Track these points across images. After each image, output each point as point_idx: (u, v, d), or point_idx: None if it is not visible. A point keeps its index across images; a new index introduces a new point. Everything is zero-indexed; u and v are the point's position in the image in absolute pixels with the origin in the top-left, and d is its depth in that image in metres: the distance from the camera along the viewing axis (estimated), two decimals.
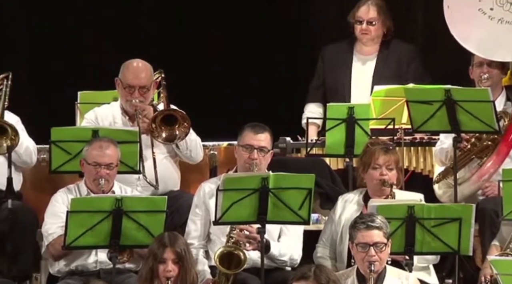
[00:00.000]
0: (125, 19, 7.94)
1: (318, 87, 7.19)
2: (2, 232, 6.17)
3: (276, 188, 5.78)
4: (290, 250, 6.07)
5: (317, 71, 7.24)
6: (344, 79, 7.13)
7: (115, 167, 6.08)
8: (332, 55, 7.19)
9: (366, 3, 7.12)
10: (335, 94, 7.06)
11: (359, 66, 7.17)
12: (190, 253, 5.58)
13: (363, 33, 7.12)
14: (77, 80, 7.53)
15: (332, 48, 7.24)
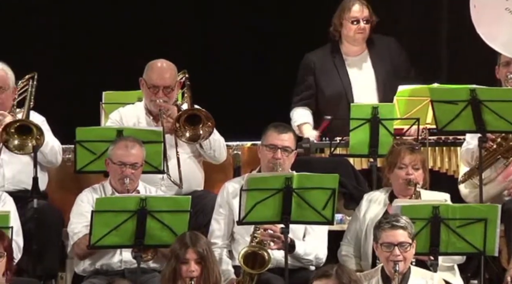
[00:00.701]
0: (149, 20, 7.92)
1: (309, 97, 7.02)
2: (28, 232, 6.13)
3: (300, 188, 5.74)
4: (315, 249, 6.02)
5: (305, 81, 7.00)
6: (344, 85, 7.00)
7: (140, 167, 6.04)
8: (321, 63, 7.04)
9: (356, 2, 7.00)
10: (338, 102, 6.92)
11: (355, 68, 7.08)
12: (212, 253, 5.55)
13: (359, 32, 7.02)
14: (102, 80, 7.51)
15: (316, 56, 7.06)
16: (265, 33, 7.95)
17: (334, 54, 7.04)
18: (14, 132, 6.23)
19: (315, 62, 7.04)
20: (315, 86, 7.02)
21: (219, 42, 7.93)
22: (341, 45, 7.07)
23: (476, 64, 7.30)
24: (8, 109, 6.45)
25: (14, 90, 6.50)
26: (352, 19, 7.00)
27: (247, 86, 7.84)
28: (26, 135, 6.24)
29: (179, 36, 7.89)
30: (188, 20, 7.99)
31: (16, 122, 6.27)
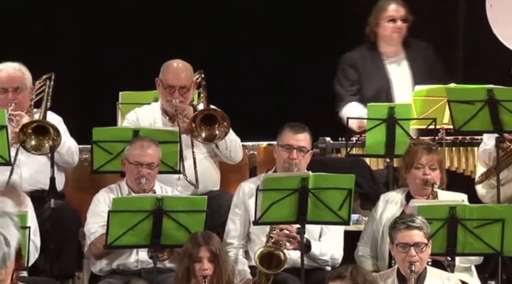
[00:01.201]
0: (165, 20, 7.89)
1: (357, 92, 6.98)
2: (45, 231, 6.09)
3: (316, 188, 5.67)
4: (331, 250, 5.95)
5: (351, 77, 6.98)
6: (385, 85, 6.94)
7: (156, 167, 5.99)
8: (362, 62, 7.00)
9: (392, 2, 6.95)
10: (378, 100, 6.82)
11: (394, 69, 7.01)
12: (224, 252, 5.50)
13: (396, 31, 6.96)
14: (119, 80, 7.48)
15: (357, 54, 7.03)
16: (282, 33, 7.92)
17: (373, 53, 6.98)
18: (31, 132, 6.19)
19: (356, 59, 7.00)
20: (359, 82, 6.97)
21: (235, 42, 7.89)
22: (379, 45, 7.00)
23: (493, 64, 7.19)
24: (25, 109, 6.41)
25: (31, 91, 6.46)
26: (389, 18, 6.94)
27: (263, 86, 7.81)
28: (43, 135, 6.20)
29: (195, 36, 7.86)
30: (204, 20, 7.96)
31: (33, 123, 6.23)
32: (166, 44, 7.70)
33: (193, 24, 7.91)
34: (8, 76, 6.36)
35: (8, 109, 6.28)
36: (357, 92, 7.00)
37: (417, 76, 6.99)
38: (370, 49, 7.03)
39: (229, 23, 7.95)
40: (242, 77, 7.81)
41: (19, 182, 6.26)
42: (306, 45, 7.84)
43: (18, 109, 6.34)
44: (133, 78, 7.30)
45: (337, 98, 7.00)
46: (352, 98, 6.97)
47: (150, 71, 6.52)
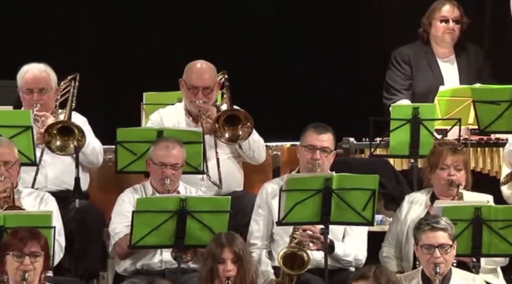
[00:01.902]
0: (189, 20, 7.82)
1: (409, 88, 6.85)
2: (70, 231, 6.01)
3: (339, 189, 5.59)
4: (354, 250, 5.86)
5: (404, 72, 6.83)
6: (436, 83, 6.78)
7: (181, 167, 5.92)
8: (415, 58, 6.85)
9: (447, 2, 6.82)
10: (426, 98, 6.69)
11: (446, 69, 6.86)
12: (248, 253, 5.44)
13: (448, 32, 6.81)
14: (143, 81, 7.42)
15: (409, 50, 6.89)
16: (306, 33, 7.82)
17: (426, 49, 6.84)
18: (56, 133, 6.13)
19: (409, 55, 6.86)
20: (411, 78, 6.82)
21: (257, 42, 7.83)
22: (432, 45, 6.87)
23: None
24: (51, 110, 6.35)
25: (57, 91, 6.41)
26: (441, 18, 6.81)
27: (286, 87, 7.72)
28: (68, 136, 6.14)
29: (219, 37, 7.80)
30: (228, 20, 7.88)
31: (58, 123, 6.16)
32: (190, 45, 7.65)
33: (217, 25, 7.85)
34: (34, 77, 6.32)
35: (33, 109, 6.23)
36: (410, 87, 6.86)
37: (464, 78, 6.85)
38: (423, 45, 6.89)
39: (253, 23, 7.88)
40: (266, 78, 7.75)
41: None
42: (331, 46, 7.76)
43: (44, 109, 6.29)
44: (157, 79, 7.23)
45: (389, 92, 6.85)
46: (405, 93, 6.82)
47: (174, 72, 6.46)
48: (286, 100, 7.65)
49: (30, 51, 7.33)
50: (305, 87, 7.70)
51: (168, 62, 7.30)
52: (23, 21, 7.72)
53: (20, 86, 6.33)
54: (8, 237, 5.19)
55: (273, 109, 7.51)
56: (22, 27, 7.70)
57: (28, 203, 5.84)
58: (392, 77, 6.88)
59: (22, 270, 5.05)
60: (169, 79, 6.53)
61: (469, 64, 6.90)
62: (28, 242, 5.07)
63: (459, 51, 6.91)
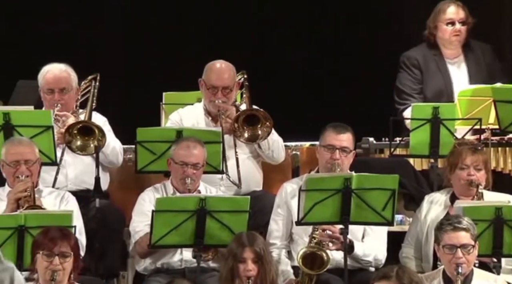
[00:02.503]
0: (208, 21, 7.75)
1: (420, 91, 6.70)
2: (90, 231, 5.92)
3: (359, 189, 5.49)
4: (374, 250, 5.75)
5: (414, 76, 6.69)
6: (447, 86, 6.64)
7: (202, 167, 5.84)
8: (423, 61, 6.71)
9: (451, 4, 6.65)
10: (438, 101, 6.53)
11: (455, 70, 6.71)
12: (269, 253, 5.36)
13: (455, 34, 6.65)
14: (162, 81, 7.33)
15: (417, 53, 6.74)
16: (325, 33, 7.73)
17: (434, 52, 6.70)
18: (76, 133, 6.04)
19: (418, 59, 6.71)
20: (422, 82, 6.69)
21: (277, 42, 7.74)
22: (439, 47, 6.71)
23: None
24: (71, 110, 6.26)
25: (77, 91, 6.32)
26: (447, 21, 6.64)
27: (305, 86, 7.62)
28: (88, 136, 6.05)
29: (238, 37, 7.70)
30: (247, 20, 7.79)
31: (78, 124, 6.07)
32: (210, 44, 7.58)
33: (236, 24, 7.75)
34: (55, 77, 6.24)
35: (54, 109, 6.15)
36: (421, 91, 6.72)
37: (473, 78, 6.70)
38: (431, 48, 6.75)
39: (272, 23, 7.80)
40: (285, 77, 7.66)
41: None
42: (349, 45, 7.66)
43: (64, 109, 6.21)
44: (177, 78, 7.13)
45: (400, 97, 6.71)
46: (417, 97, 6.69)
47: (193, 71, 6.37)
48: (305, 99, 7.55)
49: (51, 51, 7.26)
50: (324, 87, 7.60)
51: (187, 62, 7.21)
52: (45, 22, 7.66)
53: (41, 86, 6.26)
54: (39, 235, 5.15)
55: (293, 108, 7.41)
56: (44, 28, 7.64)
57: (49, 202, 5.77)
58: (402, 82, 6.73)
59: (51, 269, 5.00)
60: (189, 79, 6.44)
61: (478, 63, 6.73)
62: (58, 242, 5.03)
63: (466, 51, 6.75)
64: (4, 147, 5.73)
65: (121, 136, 6.32)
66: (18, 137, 5.82)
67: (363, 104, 7.31)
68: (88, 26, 7.73)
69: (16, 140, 5.77)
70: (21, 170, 5.64)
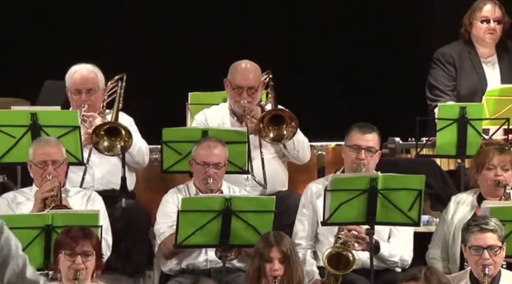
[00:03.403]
0: (234, 21, 7.62)
1: (454, 89, 6.53)
2: (116, 231, 5.81)
3: (385, 189, 5.34)
4: (400, 251, 5.61)
5: (448, 73, 6.51)
6: (481, 84, 6.45)
7: (223, 167, 5.71)
8: (458, 58, 6.52)
9: (488, 2, 6.45)
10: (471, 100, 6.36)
11: (488, 69, 6.54)
12: (296, 253, 5.22)
13: (489, 32, 6.45)
14: (188, 81, 7.22)
15: (452, 50, 6.55)
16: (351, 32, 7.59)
17: (469, 49, 6.52)
18: (103, 134, 5.93)
19: (453, 55, 6.53)
20: (456, 79, 6.52)
21: (303, 41, 7.59)
22: (473, 45, 6.52)
23: None
24: (98, 110, 6.15)
25: (104, 92, 6.20)
26: (482, 19, 6.45)
27: (331, 86, 7.47)
28: (115, 137, 5.93)
29: (264, 36, 7.59)
30: (273, 20, 7.67)
31: (105, 124, 5.96)
32: (235, 44, 7.46)
33: (261, 24, 7.65)
34: (82, 77, 6.13)
35: (81, 110, 6.05)
36: (455, 88, 6.54)
37: (505, 78, 6.51)
38: (466, 45, 6.56)
39: (297, 22, 7.66)
40: (310, 77, 7.52)
41: None
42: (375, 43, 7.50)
43: (91, 110, 6.11)
44: (203, 78, 7.05)
45: (433, 93, 6.52)
46: (450, 94, 6.50)
47: (219, 71, 6.26)
48: (331, 99, 7.41)
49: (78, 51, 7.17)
50: (350, 86, 7.45)
51: (213, 62, 7.11)
52: (72, 22, 7.58)
53: (68, 86, 6.14)
54: (61, 235, 5.07)
55: (318, 108, 7.26)
56: (71, 28, 7.57)
57: (75, 202, 5.66)
58: (436, 78, 6.54)
59: (74, 269, 4.93)
60: (215, 79, 6.33)
61: (511, 63, 6.57)
62: (80, 241, 4.95)
63: (500, 51, 6.56)
64: (31, 147, 5.64)
65: (147, 136, 6.21)
66: (46, 137, 5.72)
67: (389, 103, 7.15)
68: (114, 26, 7.63)
69: (43, 140, 5.67)
70: (48, 170, 5.55)
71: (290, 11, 7.65)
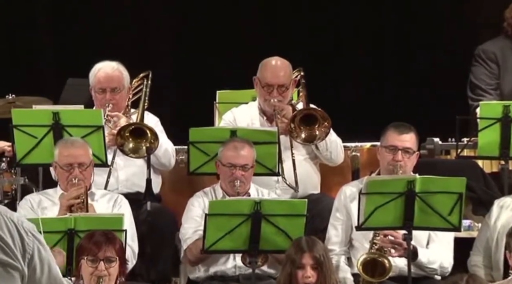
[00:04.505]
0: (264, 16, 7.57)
1: (497, 87, 6.39)
2: (141, 235, 5.72)
3: (423, 192, 5.25)
4: (440, 258, 5.51)
5: (491, 70, 6.37)
6: None
7: (251, 168, 5.63)
8: (501, 55, 6.38)
9: None
10: None
11: None
12: (329, 259, 5.13)
13: None
14: (216, 79, 7.14)
15: (495, 46, 6.40)
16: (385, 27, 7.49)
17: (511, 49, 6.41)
18: (128, 135, 5.83)
19: (495, 52, 6.39)
20: (499, 77, 6.39)
21: (335, 38, 7.51)
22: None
23: None
24: (123, 110, 6.05)
25: (129, 90, 6.11)
26: None
27: (365, 83, 7.37)
28: (141, 138, 5.84)
29: (294, 33, 7.50)
30: (303, 16, 7.57)
31: (130, 125, 5.86)
32: (265, 40, 7.39)
33: (293, 20, 7.56)
34: (106, 76, 6.04)
35: (105, 109, 5.95)
36: (497, 87, 6.39)
37: None
38: (509, 40, 6.42)
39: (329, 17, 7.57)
40: (343, 74, 7.42)
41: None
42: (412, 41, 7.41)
43: (116, 109, 6.01)
44: (231, 76, 6.95)
45: (475, 92, 6.39)
46: (493, 93, 6.37)
47: (248, 69, 6.17)
48: (366, 97, 7.30)
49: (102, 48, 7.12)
50: (386, 84, 7.35)
51: (242, 59, 7.01)
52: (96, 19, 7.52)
53: (92, 85, 6.05)
54: (83, 240, 4.99)
55: (352, 107, 7.17)
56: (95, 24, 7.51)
57: (101, 206, 5.58)
58: (477, 76, 6.38)
59: (97, 275, 4.85)
60: (244, 76, 6.23)
61: None
62: (103, 246, 4.88)
63: None
64: (57, 148, 5.55)
65: (173, 136, 6.12)
66: (72, 138, 5.62)
67: (427, 102, 7.06)
68: (139, 22, 7.58)
69: (69, 141, 5.57)
70: (74, 174, 5.47)
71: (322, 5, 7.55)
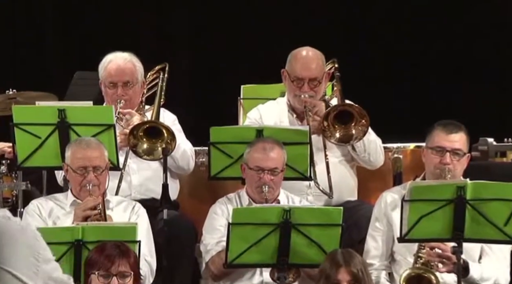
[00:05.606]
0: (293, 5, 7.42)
1: None
2: (157, 246, 5.52)
3: (475, 199, 5.10)
4: (494, 273, 5.39)
5: None
6: None
7: (281, 173, 5.47)
8: None
9: None
10: None
11: None
12: (368, 274, 5.01)
13: None
14: (241, 72, 7.05)
15: None
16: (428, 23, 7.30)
17: None
18: (142, 135, 5.62)
19: None
20: None
21: (374, 26, 7.35)
22: None
23: None
24: (136, 106, 5.85)
25: (143, 85, 5.91)
26: None
27: (409, 77, 7.24)
28: (156, 138, 5.62)
29: (328, 20, 7.37)
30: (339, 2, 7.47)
31: (144, 124, 5.65)
32: (295, 29, 7.27)
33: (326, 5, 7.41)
34: (118, 68, 5.84)
35: (116, 106, 5.74)
36: None
37: None
38: None
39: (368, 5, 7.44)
40: (384, 67, 7.29)
41: None
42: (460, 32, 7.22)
43: (128, 106, 5.81)
44: (257, 69, 6.85)
45: None
46: None
47: (276, 61, 6.00)
48: (409, 93, 7.17)
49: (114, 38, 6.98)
50: (433, 79, 7.20)
51: (269, 50, 6.91)
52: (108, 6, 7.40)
53: (102, 78, 5.86)
54: (93, 253, 4.81)
55: (394, 104, 7.02)
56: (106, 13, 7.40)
57: (117, 215, 5.37)
58: None
59: None
60: (271, 69, 6.07)
61: None
62: (116, 260, 4.73)
63: None
64: (69, 149, 5.34)
65: (192, 136, 5.95)
66: (86, 138, 5.41)
67: (479, 98, 6.88)
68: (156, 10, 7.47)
69: (84, 141, 5.36)
70: (88, 178, 5.26)
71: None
